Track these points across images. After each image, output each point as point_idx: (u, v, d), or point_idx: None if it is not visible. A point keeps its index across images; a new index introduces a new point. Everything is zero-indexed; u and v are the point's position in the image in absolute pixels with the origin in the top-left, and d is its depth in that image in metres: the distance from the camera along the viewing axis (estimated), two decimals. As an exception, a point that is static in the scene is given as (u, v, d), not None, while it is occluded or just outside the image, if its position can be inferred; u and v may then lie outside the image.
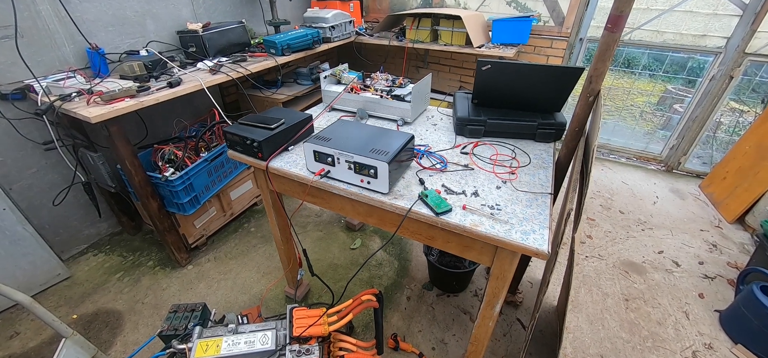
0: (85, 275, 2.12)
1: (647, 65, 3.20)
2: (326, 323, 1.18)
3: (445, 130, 1.46)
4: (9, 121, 1.78)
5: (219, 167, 2.06)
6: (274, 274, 2.06)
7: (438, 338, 1.74)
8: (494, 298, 1.16)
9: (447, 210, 1.00)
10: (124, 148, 1.64)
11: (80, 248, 2.28)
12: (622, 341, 1.77)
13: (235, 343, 1.11)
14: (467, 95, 1.48)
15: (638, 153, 3.30)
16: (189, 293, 1.98)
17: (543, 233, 0.94)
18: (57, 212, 2.08)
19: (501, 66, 1.23)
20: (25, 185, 1.95)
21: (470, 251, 1.08)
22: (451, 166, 1.21)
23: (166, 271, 2.11)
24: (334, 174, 1.13)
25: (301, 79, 2.54)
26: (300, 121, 1.31)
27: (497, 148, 1.31)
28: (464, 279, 1.90)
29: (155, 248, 2.27)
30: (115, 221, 2.36)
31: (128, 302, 1.94)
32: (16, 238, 1.86)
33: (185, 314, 1.47)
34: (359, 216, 1.22)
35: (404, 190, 1.10)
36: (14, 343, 1.78)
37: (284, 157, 1.27)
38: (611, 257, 2.24)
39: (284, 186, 1.34)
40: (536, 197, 1.08)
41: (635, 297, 2.01)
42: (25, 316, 1.90)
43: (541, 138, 1.34)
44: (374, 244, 2.29)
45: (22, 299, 1.14)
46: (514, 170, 1.19)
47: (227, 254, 2.21)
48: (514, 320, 1.84)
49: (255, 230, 2.41)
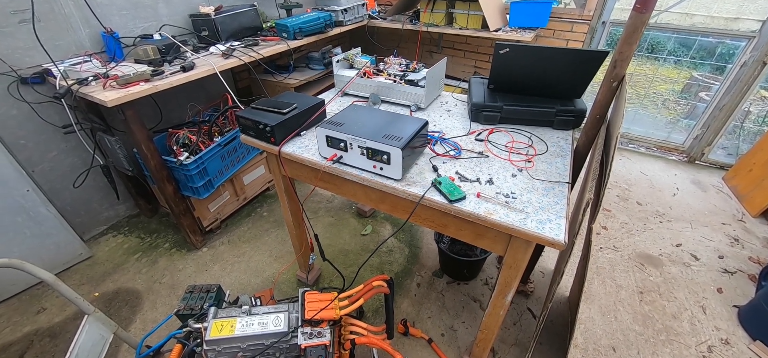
0: (105, 255, 2.20)
1: (673, 51, 3.05)
2: (338, 307, 1.19)
3: (459, 117, 1.43)
4: (30, 104, 1.83)
5: (232, 152, 2.08)
6: (285, 258, 2.10)
7: (447, 325, 1.75)
8: (506, 287, 1.15)
9: (461, 198, 0.98)
10: (139, 132, 1.67)
11: (100, 229, 2.35)
12: (634, 333, 1.75)
13: (249, 324, 1.13)
14: (483, 81, 1.44)
15: (659, 143, 3.19)
16: (204, 275, 2.03)
17: (559, 222, 0.92)
18: (77, 194, 2.15)
19: (520, 49, 1.18)
20: (47, 168, 2.01)
21: (483, 239, 1.06)
22: (465, 153, 1.19)
23: (181, 253, 2.16)
24: (347, 159, 1.12)
25: (313, 63, 2.52)
26: (312, 106, 1.30)
27: (513, 136, 1.28)
28: (475, 267, 1.89)
29: (171, 231, 2.33)
30: (133, 203, 2.43)
31: (146, 282, 2.01)
32: (40, 219, 1.93)
33: (201, 295, 1.51)
34: (371, 202, 1.22)
35: (417, 176, 1.09)
36: (41, 318, 1.86)
37: (297, 142, 1.27)
38: (627, 248, 2.19)
39: (296, 171, 1.34)
40: (553, 185, 1.05)
41: (650, 290, 1.97)
42: (50, 293, 1.99)
43: (559, 125, 1.30)
44: (385, 230, 2.29)
45: (46, 277, 1.18)
46: (530, 158, 1.16)
47: (240, 237, 2.26)
48: (524, 310, 1.83)
49: (267, 214, 2.44)
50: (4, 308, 1.91)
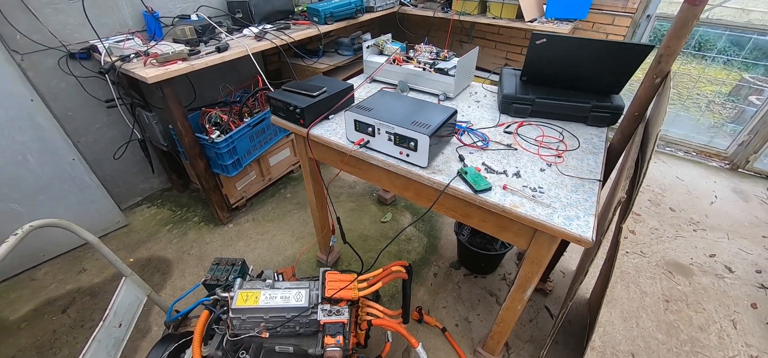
0: (139, 224, 2.34)
1: (723, 49, 2.83)
2: (356, 288, 1.23)
3: (488, 108, 1.40)
4: (77, 79, 1.95)
5: (260, 133, 2.14)
6: (307, 239, 2.16)
7: (462, 316, 1.75)
8: (526, 282, 1.14)
9: (486, 189, 0.98)
10: (176, 109, 1.75)
11: (136, 200, 2.50)
12: (656, 341, 1.69)
13: (272, 296, 1.18)
14: (515, 72, 1.40)
15: (699, 147, 3.00)
16: (229, 249, 2.13)
17: (588, 219, 0.90)
18: (117, 166, 2.28)
19: (558, 40, 1.14)
20: (91, 140, 2.14)
21: (507, 232, 1.06)
22: (493, 144, 1.17)
23: (209, 227, 2.27)
24: (374, 144, 1.13)
25: (342, 49, 2.53)
26: (341, 90, 1.32)
27: (544, 130, 1.25)
28: (494, 262, 1.88)
29: (200, 206, 2.44)
30: (166, 177, 2.56)
31: (176, 252, 2.13)
32: (84, 186, 2.08)
33: (226, 267, 1.59)
34: (395, 189, 1.23)
35: (443, 165, 1.09)
36: (82, 277, 2.02)
37: (324, 125, 1.29)
38: (655, 255, 2.11)
39: (323, 154, 1.37)
40: (583, 182, 1.02)
41: (677, 299, 1.89)
42: (90, 255, 2.15)
43: (593, 121, 1.25)
44: (405, 219, 2.31)
45: (91, 238, 1.28)
46: (561, 153, 1.13)
47: (264, 216, 2.34)
48: (541, 308, 1.81)
49: (291, 196, 2.51)
50: (49, 266, 2.08)
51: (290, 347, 1.20)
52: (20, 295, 1.93)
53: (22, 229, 1.05)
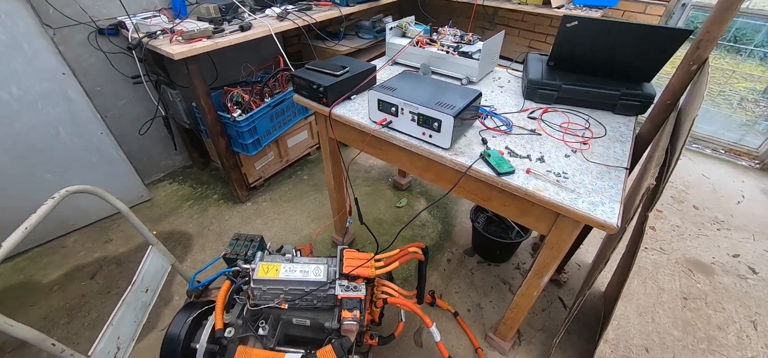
0: (162, 199, 2.42)
1: (762, 43, 2.68)
2: (373, 266, 1.25)
3: (512, 94, 1.38)
4: (105, 54, 2.00)
5: (280, 114, 2.17)
6: (322, 220, 2.20)
7: (474, 302, 1.77)
8: (544, 268, 1.14)
9: (510, 172, 0.97)
10: (200, 86, 1.78)
11: (158, 175, 2.58)
12: (672, 338, 1.67)
13: (292, 270, 1.22)
14: (541, 57, 1.37)
15: (729, 145, 2.88)
16: (247, 227, 2.19)
17: (613, 206, 0.89)
18: (141, 141, 2.36)
19: (590, 23, 1.10)
20: (117, 115, 2.21)
21: (528, 216, 1.05)
22: (517, 129, 1.16)
23: (228, 204, 2.33)
24: (396, 125, 1.13)
25: (362, 32, 2.52)
26: (364, 71, 1.32)
27: (569, 117, 1.22)
28: (508, 250, 1.88)
29: (220, 184, 2.50)
30: (187, 155, 2.63)
31: (197, 227, 2.20)
32: (111, 160, 2.16)
33: (245, 243, 1.64)
34: (416, 170, 1.24)
35: (465, 147, 1.08)
36: (108, 247, 2.11)
37: (347, 105, 1.30)
38: (675, 252, 2.06)
39: (344, 134, 1.38)
40: (609, 169, 1.01)
41: (696, 297, 1.85)
42: (115, 227, 2.24)
43: (621, 110, 1.22)
44: (420, 204, 2.32)
45: (121, 207, 1.34)
46: (586, 140, 1.11)
47: (282, 196, 2.38)
48: (555, 298, 1.80)
49: (307, 178, 2.55)
50: (78, 235, 2.18)
51: (307, 320, 1.24)
52: (51, 260, 2.03)
53: (59, 193, 1.10)
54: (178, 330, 1.22)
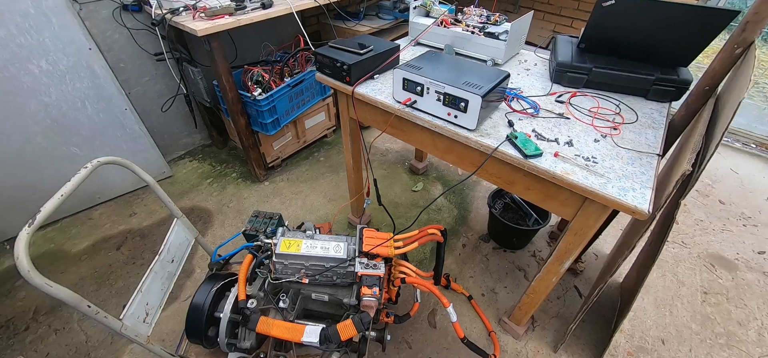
0: (182, 176, 2.48)
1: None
2: (392, 246, 1.26)
3: (538, 77, 1.35)
4: (129, 30, 2.03)
5: (299, 94, 2.17)
6: (338, 201, 2.22)
7: (489, 287, 1.77)
8: (566, 254, 1.13)
9: (537, 154, 0.95)
10: (222, 63, 1.79)
11: (179, 153, 2.64)
12: (689, 331, 1.65)
13: (313, 246, 1.24)
14: (570, 39, 1.33)
15: (762, 139, 2.76)
16: (265, 205, 2.23)
17: (644, 192, 0.87)
18: (163, 119, 2.40)
19: (628, 2, 1.05)
20: (140, 92, 2.25)
21: (552, 201, 1.04)
22: (544, 113, 1.14)
23: (246, 183, 2.38)
24: (421, 105, 1.12)
25: (383, 12, 2.47)
26: (388, 50, 1.31)
27: (599, 102, 1.19)
28: (525, 237, 1.86)
29: (238, 163, 2.54)
30: (207, 134, 2.67)
31: (216, 204, 2.25)
32: (134, 136, 2.21)
33: (264, 220, 1.67)
34: (437, 151, 1.23)
35: (491, 129, 1.07)
36: (132, 220, 2.19)
37: (369, 84, 1.29)
38: (697, 246, 2.01)
39: (365, 114, 1.37)
40: (640, 156, 0.98)
41: (716, 292, 1.81)
42: (139, 201, 2.31)
43: (655, 96, 1.18)
44: (436, 189, 2.31)
45: (149, 180, 1.37)
46: (617, 126, 1.08)
47: (298, 177, 2.41)
48: (571, 287, 1.79)
49: (324, 159, 2.57)
50: (104, 208, 2.26)
51: (325, 295, 1.27)
52: (79, 231, 2.12)
53: (92, 163, 1.14)
54: (202, 300, 1.27)
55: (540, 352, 1.54)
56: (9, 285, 1.84)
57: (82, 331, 1.65)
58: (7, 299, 1.78)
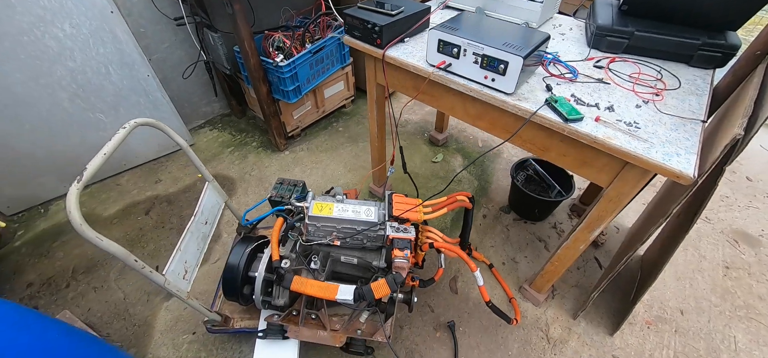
0: (204, 144, 2.51)
1: None
2: (421, 212, 1.28)
3: (574, 41, 1.30)
4: (148, -7, 2.00)
5: (319, 61, 2.14)
6: (359, 171, 2.23)
7: (509, 256, 1.80)
8: (598, 221, 1.13)
9: (578, 118, 0.94)
10: (244, 27, 1.77)
11: (199, 122, 2.66)
12: (708, 303, 1.66)
13: (344, 209, 1.26)
14: (610, 2, 1.27)
15: (791, 115, 2.66)
16: (286, 174, 2.26)
17: (689, 157, 0.85)
18: (183, 86, 2.41)
19: (677, -41, 1.00)
20: (161, 58, 2.25)
21: (588, 167, 1.03)
22: (582, 78, 1.11)
23: (267, 152, 2.40)
24: (455, 68, 1.10)
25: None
26: (419, 11, 1.27)
27: (640, 68, 1.15)
28: (547, 209, 1.87)
29: (258, 132, 2.56)
30: (226, 103, 2.68)
31: (239, 173, 2.29)
32: (157, 103, 2.23)
33: (289, 187, 1.70)
34: (468, 117, 1.22)
35: (529, 94, 1.05)
36: (158, 187, 2.24)
37: (399, 48, 1.27)
38: (721, 222, 1.99)
39: (394, 80, 1.36)
40: (684, 122, 0.96)
41: (738, 267, 1.81)
42: (163, 169, 2.36)
43: (698, 62, 1.13)
44: (456, 161, 2.31)
45: (183, 143, 1.39)
46: (659, 92, 1.05)
47: (318, 147, 2.42)
48: (591, 258, 1.81)
49: (343, 130, 2.57)
50: (130, 174, 2.32)
51: (354, 258, 1.31)
52: (109, 196, 2.19)
53: (129, 123, 1.16)
54: (237, 260, 1.31)
55: (559, 318, 1.58)
56: (46, 246, 1.93)
57: (119, 289, 1.73)
58: (46, 259, 1.87)
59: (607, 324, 1.57)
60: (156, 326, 1.59)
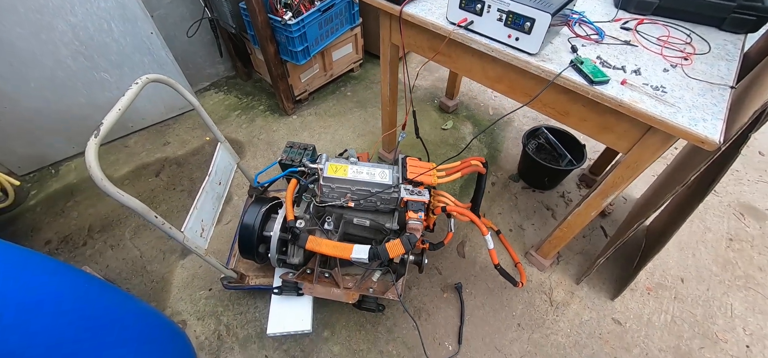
0: (210, 107, 2.48)
1: None
2: (435, 175, 1.28)
3: (600, 2, 1.24)
4: (148, -56, 1.90)
5: (328, 21, 2.06)
6: (368, 137, 2.22)
7: (517, 223, 1.82)
8: (613, 188, 1.13)
9: (604, 80, 0.92)
10: (252, -18, 1.69)
11: (204, 84, 2.61)
12: (709, 272, 1.70)
13: (359, 171, 1.27)
14: (642, -42, 1.20)
15: (810, 88, 2.59)
16: (295, 138, 2.24)
17: (716, 123, 0.84)
18: (187, 46, 2.33)
19: None
20: (163, 14, 2.17)
21: (609, 133, 1.02)
22: (609, 39, 1.07)
23: (274, 116, 2.37)
24: (477, 26, 1.06)
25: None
26: (439, -35, 1.20)
27: (669, 30, 1.10)
28: (557, 177, 1.87)
29: (264, 96, 2.52)
30: (231, 65, 2.61)
31: (247, 136, 2.28)
32: (161, 62, 2.17)
33: (299, 151, 1.70)
34: (487, 80, 1.19)
35: (553, 54, 1.02)
36: (167, 149, 2.24)
37: (417, 4, 1.22)
38: (729, 196, 2.00)
39: (410, 39, 1.31)
40: (712, 87, 0.93)
41: (742, 240, 1.84)
42: (170, 131, 2.35)
43: (730, 25, 1.09)
44: (465, 128, 2.28)
45: (195, 102, 1.38)
46: (688, 55, 1.01)
47: (326, 111, 2.39)
48: (597, 227, 1.83)
49: (351, 94, 2.52)
50: (137, 137, 2.31)
51: (367, 220, 1.33)
52: (118, 158, 2.19)
53: (141, 79, 1.14)
54: (252, 220, 1.34)
55: (563, 283, 1.63)
56: (61, 205, 1.96)
57: (135, 247, 1.78)
58: (61, 218, 1.91)
59: (609, 289, 1.62)
60: (173, 282, 1.65)
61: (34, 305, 0.77)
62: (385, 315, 1.51)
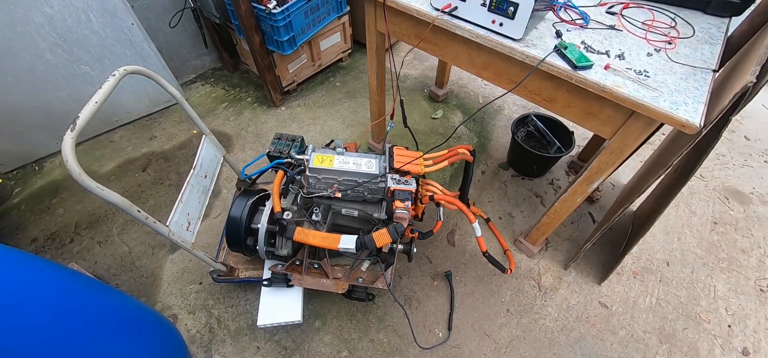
0: (196, 100, 2.43)
1: None
2: (422, 164, 1.28)
3: (587, -15, 1.23)
4: (126, -69, 1.83)
5: (315, 9, 2.02)
6: (357, 127, 2.20)
7: (506, 211, 1.84)
8: (597, 174, 1.14)
9: (587, 65, 0.91)
10: (234, -30, 1.65)
11: (190, 76, 2.56)
12: (694, 255, 1.74)
13: (345, 161, 1.26)
14: (628, -60, 1.18)
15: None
16: (283, 130, 2.22)
17: (697, 107, 0.84)
18: (170, 37, 2.28)
19: None
20: (144, 4, 2.11)
21: (593, 119, 1.02)
22: (594, 24, 1.06)
23: (262, 108, 2.34)
24: (462, 11, 1.05)
25: None
26: (424, -51, 1.18)
27: (654, 14, 1.10)
28: (546, 165, 1.88)
29: (252, 87, 2.48)
30: (217, 56, 2.56)
31: (235, 129, 2.24)
32: (144, 54, 2.12)
33: (287, 142, 1.68)
34: (473, 68, 1.18)
35: (537, 40, 1.01)
36: (153, 143, 2.20)
37: (402, -9, 1.19)
38: (714, 180, 2.03)
39: (395, 26, 1.29)
40: (695, 71, 0.93)
41: (726, 223, 1.87)
42: (157, 125, 2.30)
43: (715, 9, 1.09)
44: (455, 117, 2.28)
45: (177, 94, 1.34)
46: (672, 40, 1.01)
47: (315, 102, 2.36)
48: (585, 213, 1.85)
49: (340, 85, 2.49)
50: (123, 131, 2.27)
51: (355, 211, 1.32)
52: (103, 153, 2.15)
53: (119, 71, 1.11)
54: (239, 212, 1.33)
55: (551, 269, 1.65)
56: (46, 202, 1.92)
57: (123, 243, 1.76)
58: (47, 215, 1.87)
59: (596, 274, 1.64)
60: (163, 277, 1.64)
61: (19, 304, 0.76)
62: (375, 304, 1.52)
